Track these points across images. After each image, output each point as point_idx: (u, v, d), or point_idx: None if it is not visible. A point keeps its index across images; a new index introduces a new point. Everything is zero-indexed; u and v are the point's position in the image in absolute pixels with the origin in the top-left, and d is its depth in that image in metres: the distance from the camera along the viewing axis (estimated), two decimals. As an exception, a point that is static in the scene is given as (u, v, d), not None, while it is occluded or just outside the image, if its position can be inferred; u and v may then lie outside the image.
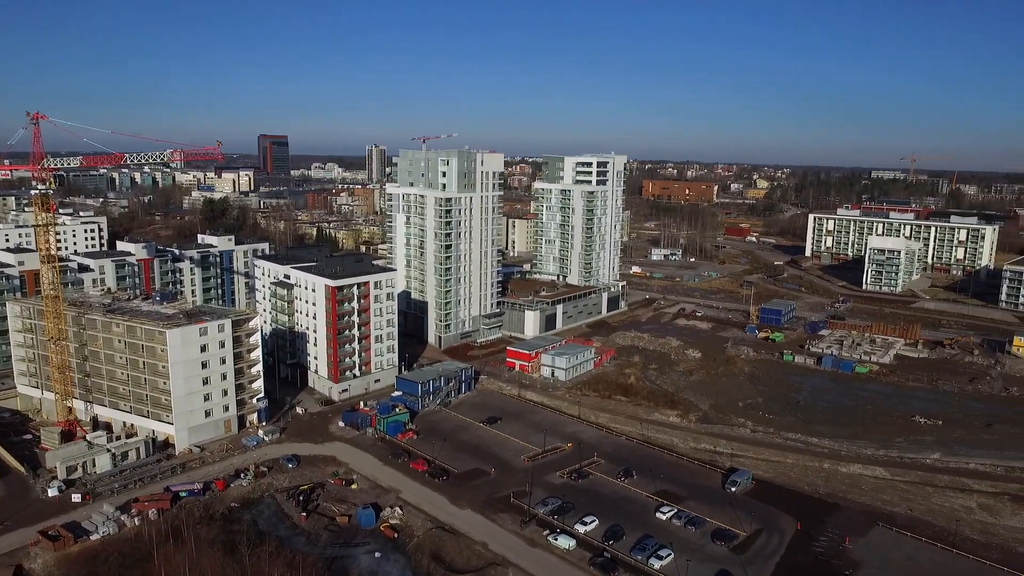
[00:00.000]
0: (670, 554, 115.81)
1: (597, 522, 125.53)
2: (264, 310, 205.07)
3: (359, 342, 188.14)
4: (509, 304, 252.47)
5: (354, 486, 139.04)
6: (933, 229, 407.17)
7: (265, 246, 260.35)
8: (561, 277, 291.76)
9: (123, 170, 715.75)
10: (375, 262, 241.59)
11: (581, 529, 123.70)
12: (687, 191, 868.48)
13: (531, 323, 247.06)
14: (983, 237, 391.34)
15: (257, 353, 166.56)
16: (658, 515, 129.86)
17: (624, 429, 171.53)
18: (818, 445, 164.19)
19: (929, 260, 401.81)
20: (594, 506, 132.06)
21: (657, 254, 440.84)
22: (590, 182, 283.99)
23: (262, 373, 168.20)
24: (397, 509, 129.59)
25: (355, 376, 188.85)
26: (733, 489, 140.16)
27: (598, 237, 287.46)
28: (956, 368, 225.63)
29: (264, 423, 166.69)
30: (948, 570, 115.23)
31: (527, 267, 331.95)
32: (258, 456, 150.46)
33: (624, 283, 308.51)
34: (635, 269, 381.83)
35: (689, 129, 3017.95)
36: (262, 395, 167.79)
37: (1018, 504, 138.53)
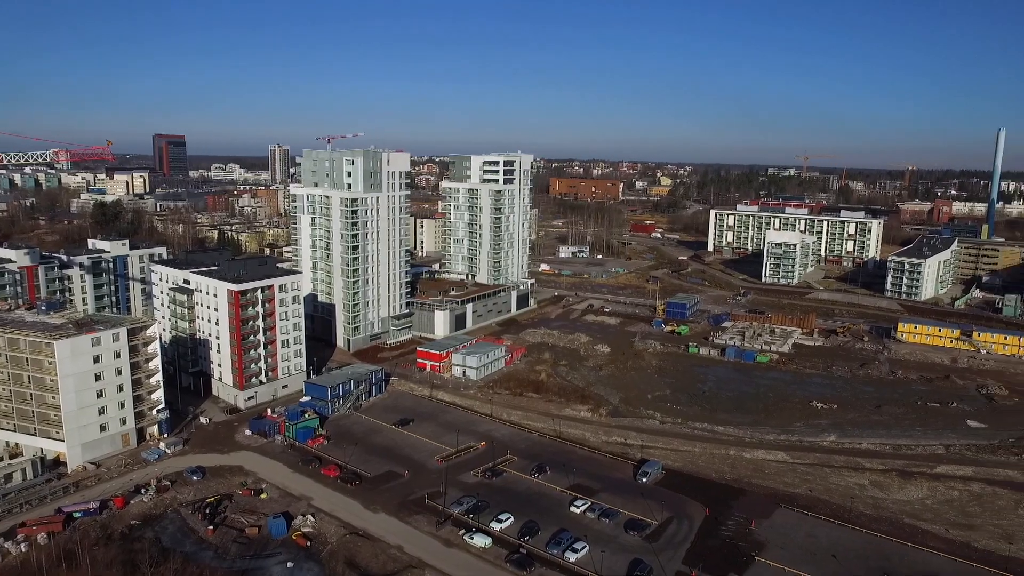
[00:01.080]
0: (585, 547, 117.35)
1: (512, 519, 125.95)
2: (163, 317, 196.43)
3: (265, 348, 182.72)
4: (419, 304, 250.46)
5: (263, 495, 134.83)
6: (825, 223, 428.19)
7: (163, 250, 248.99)
8: (470, 276, 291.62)
9: (0, 171, 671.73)
10: (280, 265, 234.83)
11: (497, 527, 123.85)
12: (593, 189, 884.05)
13: (441, 323, 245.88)
14: (870, 230, 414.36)
15: (156, 362, 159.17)
16: (572, 509, 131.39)
17: (536, 426, 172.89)
18: (724, 433, 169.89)
19: (822, 253, 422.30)
20: (509, 503, 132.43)
21: (565, 252, 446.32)
22: (497, 181, 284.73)
23: (162, 383, 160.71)
24: (309, 517, 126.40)
25: (261, 383, 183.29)
26: (644, 480, 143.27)
27: (506, 235, 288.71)
28: (848, 354, 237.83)
29: (166, 435, 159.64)
30: (844, 544, 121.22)
31: (436, 267, 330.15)
32: (160, 470, 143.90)
33: (533, 281, 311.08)
34: (544, 267, 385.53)
35: (594, 128, 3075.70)
36: (163, 406, 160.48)
37: (905, 479, 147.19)
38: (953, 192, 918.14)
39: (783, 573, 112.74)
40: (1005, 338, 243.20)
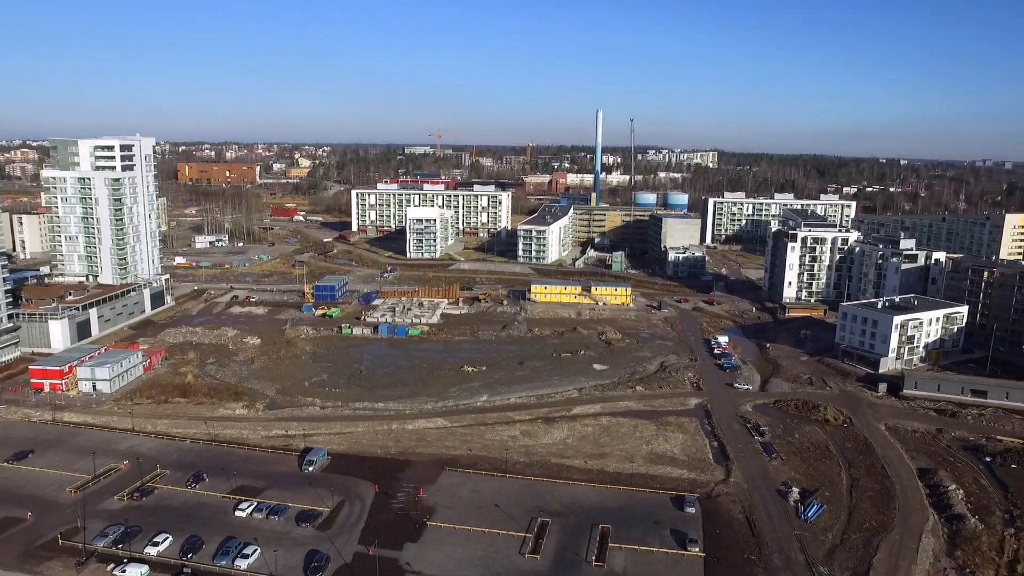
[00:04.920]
0: (256, 550, 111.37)
1: (171, 539, 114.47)
2: None
3: None
4: (27, 315, 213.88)
5: None
6: (461, 198, 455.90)
7: None
8: (91, 277, 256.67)
9: None
10: None
11: (153, 551, 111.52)
12: (228, 173, 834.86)
13: (59, 334, 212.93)
14: (500, 202, 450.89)
15: None
16: (237, 513, 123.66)
17: (188, 432, 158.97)
18: (384, 409, 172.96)
19: (460, 225, 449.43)
20: (165, 522, 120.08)
21: (202, 241, 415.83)
22: (114, 168, 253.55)
23: None
24: None
25: None
26: (310, 468, 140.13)
27: (131, 229, 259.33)
28: (491, 319, 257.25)
29: None
30: (504, 493, 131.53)
31: (46, 269, 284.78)
32: None
33: (168, 276, 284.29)
34: (179, 260, 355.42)
35: (225, 109, 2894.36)
36: None
37: (549, 424, 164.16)
38: (567, 165, 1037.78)
39: (454, 532, 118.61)
40: (616, 290, 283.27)
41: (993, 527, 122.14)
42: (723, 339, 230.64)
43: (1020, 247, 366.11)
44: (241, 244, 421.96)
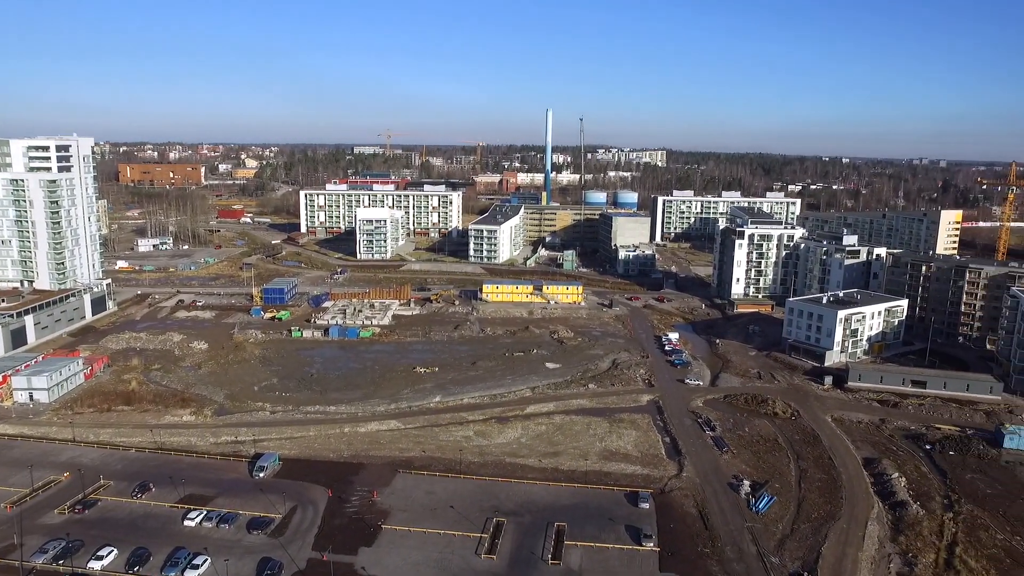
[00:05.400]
0: (207, 560, 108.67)
1: (116, 552, 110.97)
2: None
3: None
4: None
5: None
6: (411, 198, 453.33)
7: None
8: (26, 283, 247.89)
9: None
10: None
11: (97, 565, 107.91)
12: (172, 174, 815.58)
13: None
14: (451, 202, 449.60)
15: None
16: (186, 523, 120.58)
17: (133, 441, 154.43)
18: (336, 412, 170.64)
19: (411, 226, 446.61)
20: (110, 535, 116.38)
21: (145, 244, 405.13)
22: (50, 169, 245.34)
23: None
24: None
25: None
26: (261, 475, 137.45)
27: (69, 232, 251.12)
28: (443, 319, 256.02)
29: None
30: (459, 493, 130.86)
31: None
32: None
33: (110, 280, 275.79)
34: (121, 264, 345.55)
35: (167, 108, 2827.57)
36: None
37: (503, 424, 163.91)
38: (517, 165, 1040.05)
39: (409, 534, 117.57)
40: (567, 289, 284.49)
41: (933, 512, 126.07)
42: (674, 336, 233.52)
43: (955, 242, 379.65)
44: (187, 247, 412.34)
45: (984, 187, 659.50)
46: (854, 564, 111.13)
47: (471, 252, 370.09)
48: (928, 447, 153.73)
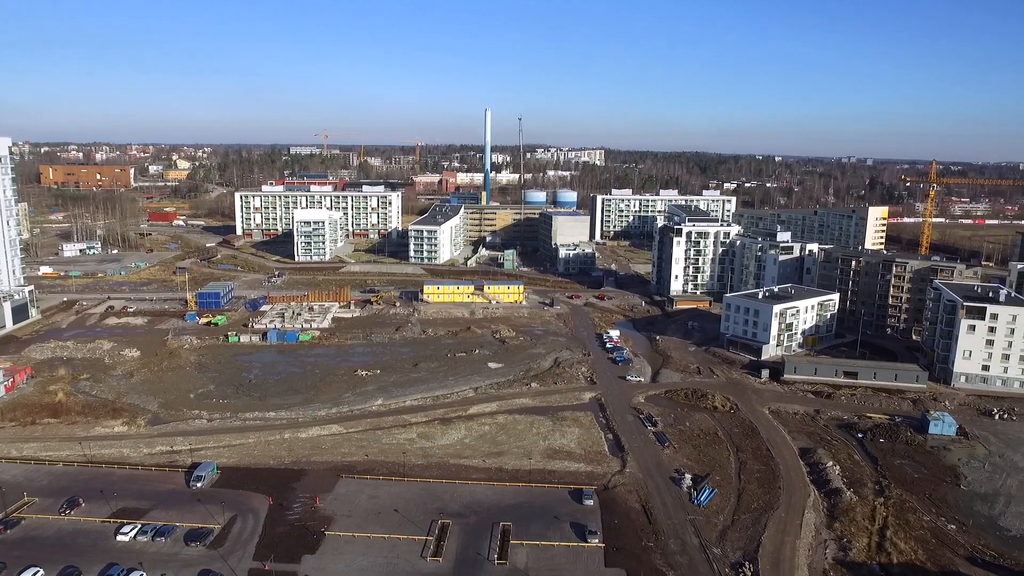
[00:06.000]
0: (142, 575, 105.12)
1: (43, 572, 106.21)
2: None
3: None
4: None
5: None
6: (350, 198, 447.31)
7: None
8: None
9: None
10: None
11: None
12: (99, 176, 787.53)
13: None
14: (391, 203, 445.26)
15: None
16: (119, 538, 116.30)
17: (60, 455, 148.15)
18: (276, 418, 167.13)
19: (350, 227, 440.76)
20: (35, 555, 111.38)
21: (71, 249, 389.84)
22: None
23: None
24: None
25: None
26: (199, 485, 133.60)
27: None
28: (384, 321, 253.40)
29: None
30: (403, 497, 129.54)
31: None
32: None
33: (32, 287, 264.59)
34: (45, 269, 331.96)
35: (92, 107, 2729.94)
36: None
37: (446, 425, 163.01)
38: (456, 164, 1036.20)
39: (353, 540, 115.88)
40: (508, 288, 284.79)
41: (865, 498, 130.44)
42: (614, 333, 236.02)
43: (882, 237, 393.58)
44: (116, 251, 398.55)
45: (908, 184, 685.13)
46: (792, 551, 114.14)
47: (411, 253, 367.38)
48: (860, 435, 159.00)
